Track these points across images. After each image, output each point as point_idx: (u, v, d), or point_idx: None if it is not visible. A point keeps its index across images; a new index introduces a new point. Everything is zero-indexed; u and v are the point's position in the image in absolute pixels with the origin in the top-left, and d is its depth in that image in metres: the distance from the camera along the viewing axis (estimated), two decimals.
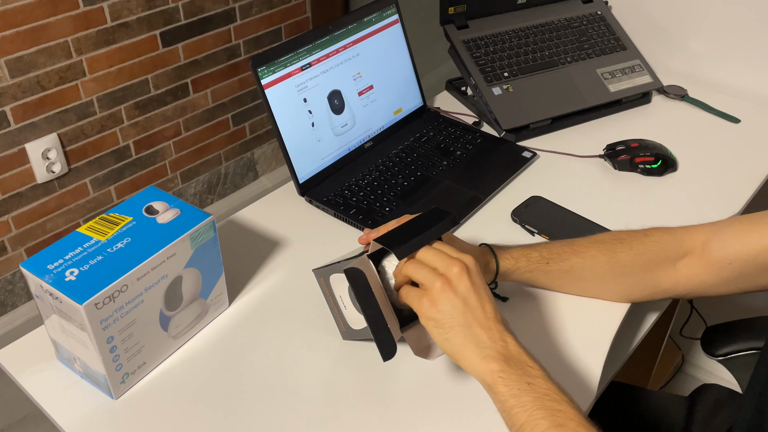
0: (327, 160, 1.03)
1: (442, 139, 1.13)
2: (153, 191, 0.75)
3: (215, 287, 0.78)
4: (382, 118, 1.12)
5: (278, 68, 0.95)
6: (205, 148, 2.13)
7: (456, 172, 1.05)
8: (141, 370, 0.72)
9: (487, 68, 1.20)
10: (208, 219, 0.72)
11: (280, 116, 0.96)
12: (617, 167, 1.08)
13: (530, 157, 1.10)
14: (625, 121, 1.21)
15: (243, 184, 2.30)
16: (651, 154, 1.06)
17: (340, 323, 0.75)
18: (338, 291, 0.71)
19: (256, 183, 2.34)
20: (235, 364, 0.75)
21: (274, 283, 0.86)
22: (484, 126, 1.20)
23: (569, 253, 0.77)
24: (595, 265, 0.77)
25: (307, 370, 0.74)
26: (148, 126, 1.93)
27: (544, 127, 1.17)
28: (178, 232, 0.70)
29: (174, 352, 0.76)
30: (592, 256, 0.77)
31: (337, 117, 1.04)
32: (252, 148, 2.28)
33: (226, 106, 2.11)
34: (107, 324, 0.65)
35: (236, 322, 0.80)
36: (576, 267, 0.78)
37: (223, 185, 2.24)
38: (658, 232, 0.77)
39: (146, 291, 0.68)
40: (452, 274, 0.61)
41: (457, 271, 0.60)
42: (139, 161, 1.95)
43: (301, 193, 1.00)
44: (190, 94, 1.99)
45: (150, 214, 0.72)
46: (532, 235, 0.94)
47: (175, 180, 2.09)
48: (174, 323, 0.74)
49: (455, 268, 0.61)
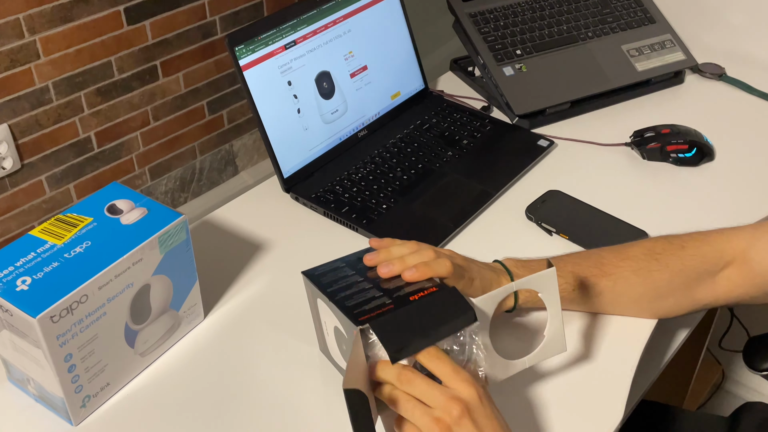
0: (315, 151, 1.03)
1: (447, 127, 1.13)
2: (116, 188, 0.75)
3: (188, 297, 0.78)
4: (377, 104, 1.11)
5: (258, 47, 0.95)
6: (177, 140, 2.12)
7: (463, 163, 1.05)
8: (104, 393, 0.72)
9: (497, 45, 1.20)
10: (180, 219, 0.72)
11: (262, 102, 0.96)
12: (646, 157, 1.08)
13: (547, 146, 1.09)
14: (654, 104, 1.21)
15: (221, 180, 2.30)
16: (684, 141, 1.06)
17: (320, 339, 0.75)
18: (324, 317, 0.71)
19: (235, 179, 2.34)
20: (211, 385, 0.74)
21: (255, 293, 0.85)
22: (495, 111, 1.20)
23: (598, 276, 0.77)
24: (628, 288, 0.78)
25: (293, 391, 0.74)
26: (111, 115, 1.93)
27: (562, 112, 1.17)
28: (145, 235, 0.69)
29: (142, 371, 0.76)
30: (624, 278, 0.77)
31: (326, 102, 1.04)
32: (231, 139, 2.28)
33: (200, 91, 2.11)
34: (65, 340, 0.65)
35: (212, 337, 0.80)
36: (606, 291, 0.78)
37: (198, 182, 2.24)
38: (694, 243, 0.78)
39: (109, 302, 0.68)
40: (451, 418, 0.56)
41: (457, 415, 0.56)
42: (101, 155, 1.95)
43: (286, 189, 1.00)
44: (159, 79, 1.99)
45: (113, 214, 0.72)
46: (549, 234, 0.94)
47: (143, 176, 2.08)
48: (141, 338, 0.74)
49: (455, 410, 0.56)
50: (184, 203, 2.22)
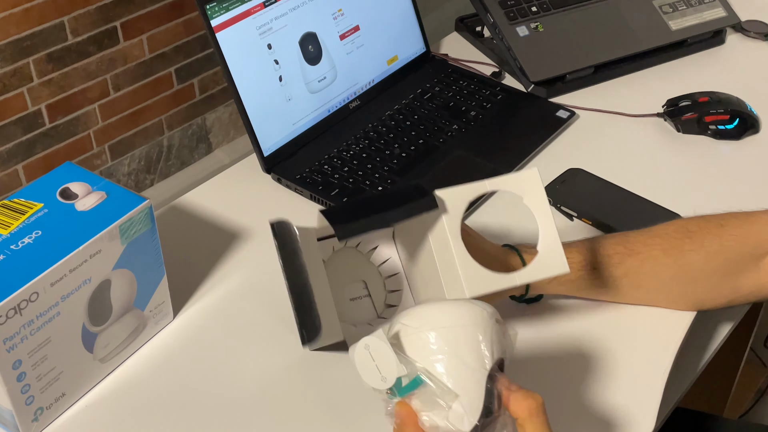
0: (300, 125, 1.02)
1: (452, 96, 1.12)
2: (71, 169, 0.75)
3: (155, 294, 0.78)
4: (372, 70, 1.11)
5: (233, 4, 0.95)
6: (141, 114, 2.12)
7: (470, 138, 1.05)
8: (59, 404, 0.72)
9: (510, 1, 1.19)
10: (144, 204, 0.72)
11: (237, 69, 0.95)
12: (681, 129, 1.08)
13: (567, 117, 1.09)
14: (691, 68, 1.21)
15: (192, 160, 2.30)
16: (725, 111, 1.06)
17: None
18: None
19: (209, 158, 2.33)
20: (181, 394, 0.75)
21: (231, 288, 0.85)
22: (506, 78, 1.20)
23: (623, 254, 0.77)
24: (657, 270, 0.78)
25: (277, 400, 0.74)
26: (65, 85, 1.92)
27: (584, 79, 1.17)
28: (103, 223, 0.69)
29: (103, 379, 0.76)
30: (653, 258, 0.77)
31: (312, 68, 1.03)
32: (203, 112, 2.27)
33: (167, 57, 2.10)
34: (13, 344, 0.65)
35: (183, 340, 0.80)
36: (632, 272, 0.78)
37: (166, 161, 2.24)
38: (734, 221, 0.78)
39: (63, 300, 0.67)
40: None
41: None
42: (54, 131, 1.95)
43: (266, 169, 1.00)
44: (119, 42, 1.98)
45: (66, 199, 0.71)
46: (570, 219, 0.94)
47: (102, 156, 2.08)
48: (101, 342, 0.74)
49: None
50: (150, 186, 2.22)
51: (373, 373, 0.56)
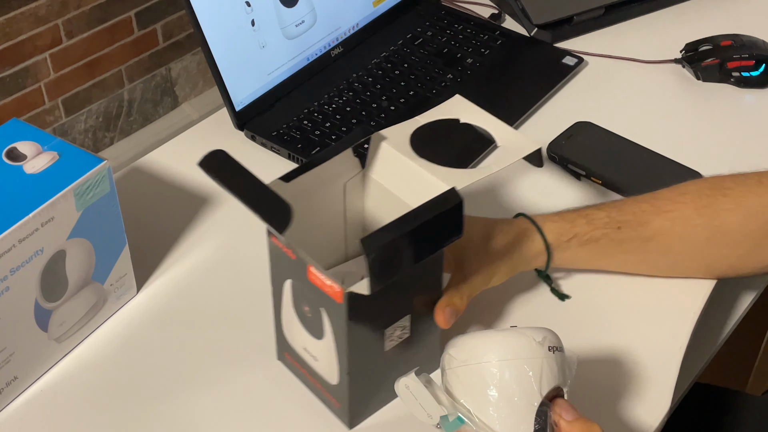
0: (276, 75, 1.02)
1: (446, 41, 1.12)
2: (18, 127, 0.74)
3: (115, 266, 0.78)
4: (356, 12, 1.11)
5: None
6: (98, 63, 2.10)
7: (466, 89, 1.04)
8: (11, 389, 0.72)
9: None
10: (102, 165, 0.71)
11: (204, 12, 0.95)
12: (701, 76, 1.08)
13: (574, 64, 1.09)
14: (712, 8, 1.21)
15: (156, 115, 2.28)
16: (750, 56, 1.06)
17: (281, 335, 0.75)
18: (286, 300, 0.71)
19: (175, 112, 2.32)
20: (146, 376, 0.75)
21: (201, 259, 0.86)
22: (507, 20, 1.19)
23: (650, 212, 0.77)
24: (689, 231, 0.77)
25: (249, 383, 0.74)
26: (10, 32, 1.90)
27: (594, 21, 1.17)
28: (56, 187, 0.69)
29: (59, 360, 0.76)
30: (684, 218, 0.77)
31: (288, 11, 1.03)
32: (168, 61, 2.25)
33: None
34: None
35: (147, 316, 0.80)
36: (661, 233, 0.77)
37: (127, 117, 2.22)
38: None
39: (12, 273, 0.67)
40: None
41: None
42: None
43: (239, 125, 1.00)
44: None
45: (13, 160, 0.71)
46: (577, 179, 0.94)
47: (55, 111, 2.06)
48: (56, 320, 0.74)
49: None
50: (109, 145, 2.20)
51: (418, 409, 0.60)
